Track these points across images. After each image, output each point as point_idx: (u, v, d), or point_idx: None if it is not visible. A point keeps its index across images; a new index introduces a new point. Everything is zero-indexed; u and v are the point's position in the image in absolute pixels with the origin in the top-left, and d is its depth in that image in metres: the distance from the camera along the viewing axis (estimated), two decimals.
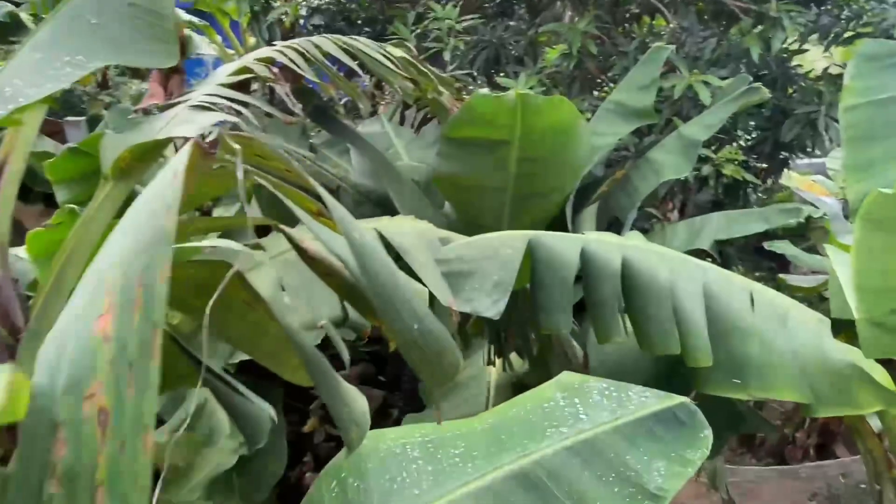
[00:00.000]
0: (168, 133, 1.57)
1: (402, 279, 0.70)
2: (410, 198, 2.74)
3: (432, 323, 0.73)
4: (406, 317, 0.68)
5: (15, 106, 0.93)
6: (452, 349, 0.79)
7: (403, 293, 0.68)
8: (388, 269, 0.65)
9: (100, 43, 0.97)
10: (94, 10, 1.04)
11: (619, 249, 1.69)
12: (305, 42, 2.10)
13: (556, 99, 2.46)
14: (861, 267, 1.35)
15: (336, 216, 0.64)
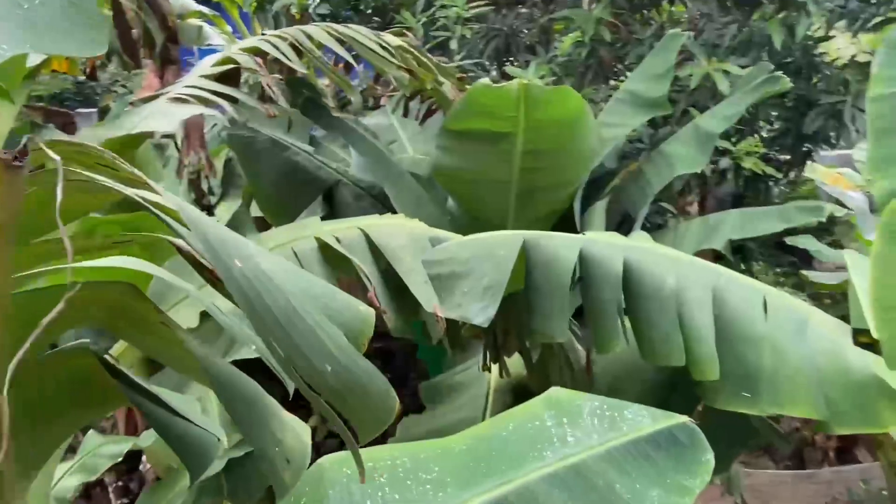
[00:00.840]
0: (143, 128, 1.50)
1: (307, 303, 0.60)
2: (408, 194, 2.64)
3: (352, 361, 0.62)
4: (312, 355, 0.57)
5: None
6: (383, 393, 0.68)
7: (304, 323, 0.58)
8: (274, 287, 0.54)
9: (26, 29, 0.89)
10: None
11: (622, 251, 1.58)
12: (296, 31, 2.01)
13: (561, 89, 2.34)
14: (880, 282, 1.22)
15: (187, 218, 0.53)
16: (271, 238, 1.50)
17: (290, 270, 0.68)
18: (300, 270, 0.72)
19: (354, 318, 0.72)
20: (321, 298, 0.69)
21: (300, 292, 0.61)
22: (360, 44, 2.10)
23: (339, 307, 0.71)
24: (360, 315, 0.72)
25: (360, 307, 0.74)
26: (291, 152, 2.87)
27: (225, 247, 0.52)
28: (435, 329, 1.44)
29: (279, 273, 0.58)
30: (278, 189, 2.82)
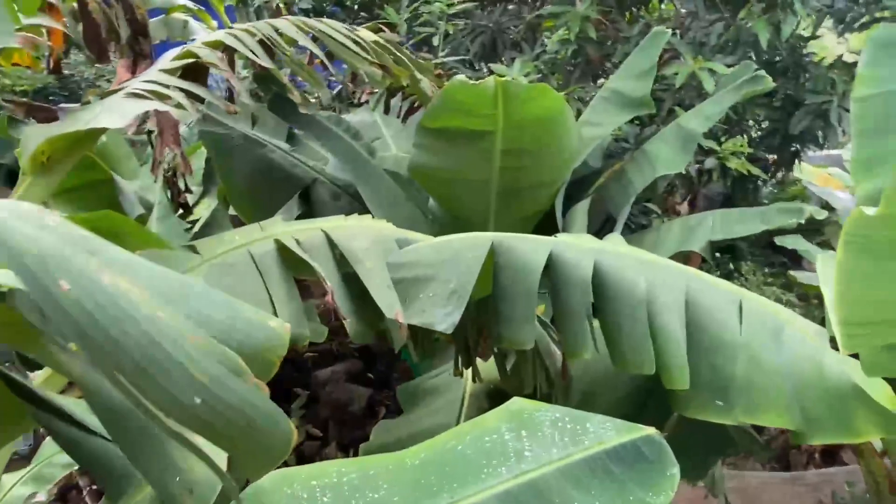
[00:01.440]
0: (94, 124, 1.44)
1: (185, 324, 0.52)
2: (384, 194, 2.58)
3: (229, 391, 0.56)
4: (176, 387, 0.51)
5: None
6: (273, 423, 0.61)
7: (163, 350, 0.51)
8: (123, 312, 0.47)
9: None
10: None
11: (593, 254, 1.52)
12: (265, 25, 1.95)
13: (540, 87, 2.28)
14: (844, 297, 1.17)
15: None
16: (225, 241, 1.44)
17: (172, 286, 0.61)
18: (191, 284, 0.65)
19: (263, 337, 0.66)
20: (216, 316, 0.63)
21: (176, 313, 0.54)
22: (331, 38, 2.04)
23: (244, 325, 0.64)
24: (269, 332, 0.66)
25: (272, 323, 0.68)
26: (267, 149, 2.80)
27: (45, 265, 0.46)
28: (397, 336, 1.38)
29: (140, 292, 0.51)
30: (253, 187, 2.76)
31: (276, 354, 0.65)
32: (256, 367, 0.58)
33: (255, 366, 0.58)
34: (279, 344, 0.66)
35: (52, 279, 0.45)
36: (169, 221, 3.39)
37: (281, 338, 0.67)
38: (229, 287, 1.34)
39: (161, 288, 0.59)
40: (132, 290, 0.50)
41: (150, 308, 0.50)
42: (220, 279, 1.35)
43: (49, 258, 0.45)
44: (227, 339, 0.58)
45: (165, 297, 0.56)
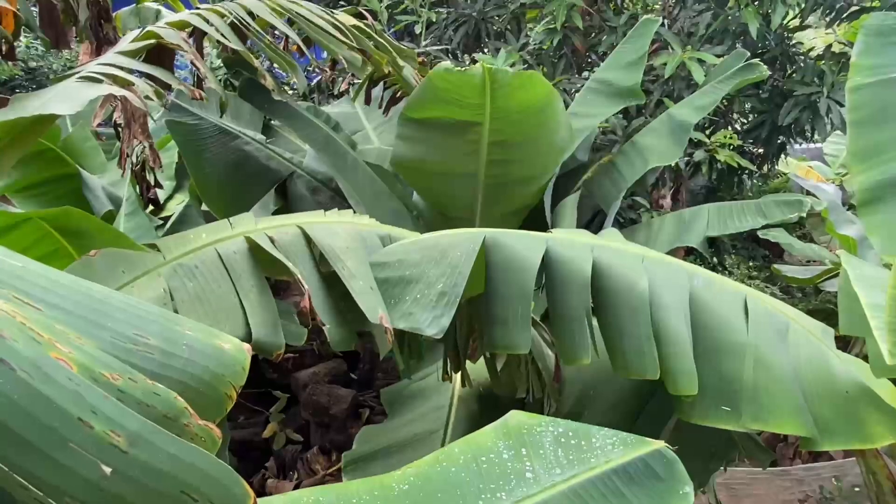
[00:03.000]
0: (44, 110, 1.29)
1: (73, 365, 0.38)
2: (365, 187, 2.45)
3: (154, 449, 0.41)
4: (65, 456, 0.37)
5: None
6: (218, 487, 0.47)
7: (49, 404, 0.36)
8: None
9: None
10: None
11: (590, 251, 1.42)
12: (235, 6, 1.80)
13: (529, 74, 2.17)
14: None
15: None
16: (190, 240, 1.30)
17: (89, 305, 0.49)
18: (116, 300, 0.52)
19: (214, 364, 0.54)
20: (148, 340, 0.51)
21: (90, 341, 0.42)
22: (307, 21, 1.90)
23: (186, 351, 0.52)
24: (222, 358, 0.54)
25: (225, 345, 0.56)
26: (241, 141, 2.65)
27: None
28: (383, 341, 1.27)
29: (27, 320, 0.39)
30: (226, 181, 2.61)
31: (231, 386, 0.53)
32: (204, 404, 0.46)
33: (203, 402, 0.46)
34: (235, 371, 0.54)
35: None
36: (137, 218, 3.21)
37: (238, 363, 0.55)
38: (193, 292, 1.21)
39: (74, 308, 0.47)
40: (18, 319, 0.38)
41: (36, 347, 0.37)
42: (184, 283, 1.22)
43: None
44: (162, 371, 0.46)
45: (81, 320, 0.44)
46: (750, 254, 6.22)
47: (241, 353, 0.57)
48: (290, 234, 1.39)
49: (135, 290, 1.18)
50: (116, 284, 1.23)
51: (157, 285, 1.20)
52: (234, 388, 0.54)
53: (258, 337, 1.18)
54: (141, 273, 1.24)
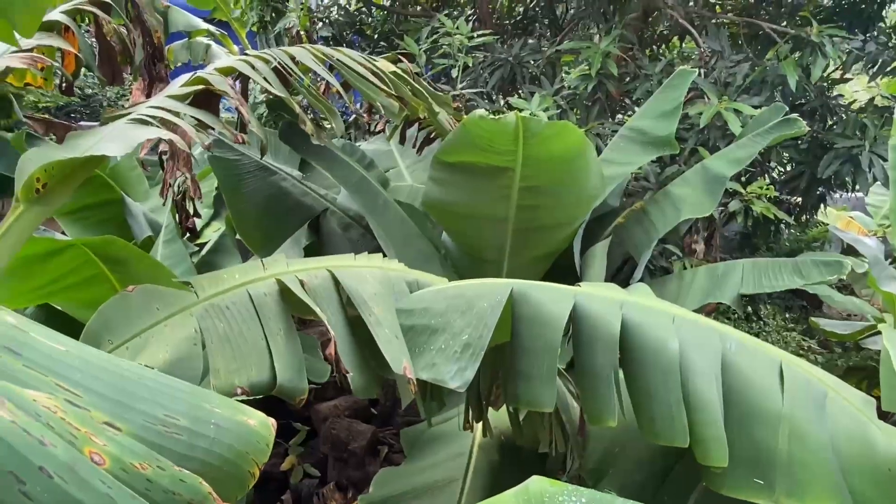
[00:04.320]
0: (94, 152, 1.35)
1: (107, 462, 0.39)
2: (395, 228, 2.48)
3: None
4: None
5: None
6: None
7: None
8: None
9: None
10: None
11: (620, 308, 1.40)
12: (280, 53, 1.88)
13: (562, 124, 2.19)
14: None
15: None
16: (223, 280, 1.33)
17: (121, 385, 0.50)
18: (146, 378, 0.53)
19: (239, 442, 0.54)
20: (178, 420, 0.52)
21: (122, 425, 0.43)
22: (348, 68, 1.97)
23: (213, 430, 0.52)
24: (248, 435, 0.54)
25: (251, 421, 0.57)
26: (278, 177, 2.73)
27: None
28: (406, 390, 1.26)
29: (63, 413, 0.40)
30: (262, 215, 2.67)
31: (255, 463, 0.54)
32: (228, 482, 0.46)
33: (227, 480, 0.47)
34: (259, 449, 0.54)
35: None
36: (174, 245, 3.31)
37: (263, 440, 0.55)
38: (223, 333, 1.23)
39: (108, 391, 0.48)
40: (58, 415, 0.39)
41: (72, 450, 0.39)
42: (214, 323, 1.24)
43: None
44: (189, 452, 0.47)
45: (115, 403, 0.46)
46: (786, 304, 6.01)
47: (266, 428, 0.57)
48: (320, 277, 1.41)
49: (167, 329, 1.21)
50: (151, 321, 1.26)
51: (188, 325, 1.22)
52: (257, 465, 0.54)
53: (282, 381, 1.19)
54: (174, 311, 1.27)
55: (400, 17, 5.16)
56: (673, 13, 4.10)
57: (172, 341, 1.15)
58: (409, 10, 5.19)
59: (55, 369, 0.45)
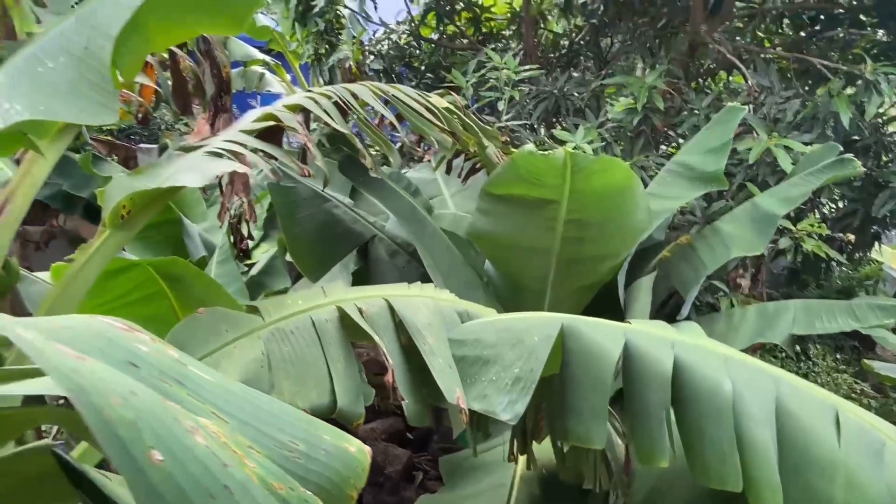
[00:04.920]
0: (173, 182, 1.46)
1: (260, 478, 0.45)
2: (442, 257, 2.54)
3: None
4: None
5: None
6: None
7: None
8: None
9: (44, 92, 0.86)
10: (54, 52, 0.95)
11: (671, 347, 1.41)
12: (341, 90, 1.99)
13: (609, 160, 2.22)
14: None
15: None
16: (287, 305, 1.41)
17: (254, 412, 0.56)
18: (271, 405, 0.59)
19: (343, 466, 0.59)
20: (298, 446, 0.57)
21: (261, 449, 0.49)
22: (403, 104, 2.06)
23: (324, 455, 0.58)
24: (350, 461, 0.59)
25: (351, 448, 0.62)
26: (331, 204, 2.84)
27: (138, 432, 0.41)
28: (457, 420, 1.30)
29: (228, 440, 0.46)
30: (313, 239, 2.78)
31: (355, 487, 0.59)
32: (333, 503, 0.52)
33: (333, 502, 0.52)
34: (357, 473, 0.60)
35: (144, 448, 0.40)
36: (228, 266, 3.47)
37: (361, 466, 0.61)
38: (288, 356, 1.30)
39: (247, 418, 0.54)
40: (222, 439, 0.45)
41: (240, 467, 0.45)
42: (280, 346, 1.31)
43: (143, 423, 0.41)
44: (306, 475, 0.52)
45: (252, 429, 0.52)
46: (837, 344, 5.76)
47: (362, 455, 0.62)
48: (377, 305, 1.47)
49: (236, 350, 1.29)
50: (221, 342, 1.34)
51: (256, 347, 1.30)
52: (355, 489, 0.59)
53: (342, 406, 1.25)
54: (242, 333, 1.34)
55: (447, 51, 5.32)
56: (720, 48, 4.10)
57: (242, 363, 1.23)
58: (455, 43, 5.34)
59: (209, 398, 0.51)
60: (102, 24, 0.93)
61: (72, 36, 0.97)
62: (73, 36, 0.96)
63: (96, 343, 0.47)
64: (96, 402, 0.42)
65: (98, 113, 0.81)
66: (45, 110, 0.83)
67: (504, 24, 5.52)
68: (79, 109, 0.82)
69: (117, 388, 0.43)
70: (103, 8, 0.95)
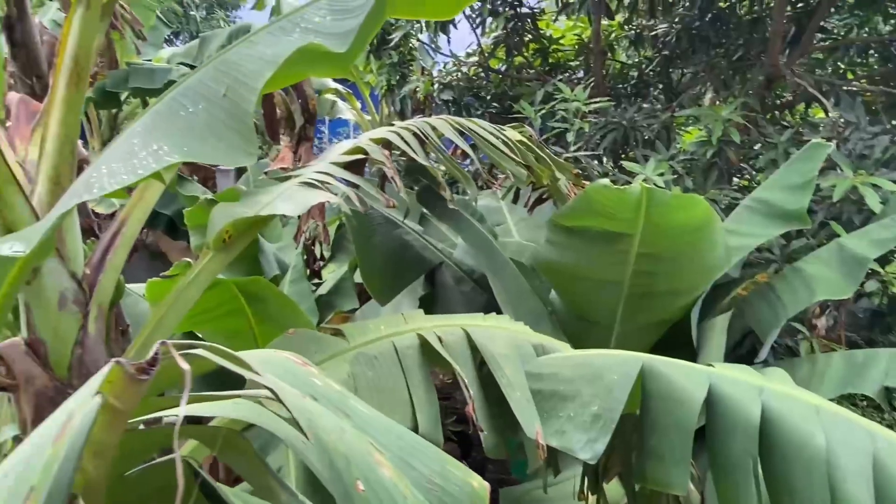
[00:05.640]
0: (271, 210, 1.57)
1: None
2: (511, 286, 2.55)
3: None
4: None
5: (90, 195, 0.92)
6: None
7: None
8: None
9: (186, 135, 0.96)
10: (194, 98, 1.06)
11: (759, 393, 1.36)
12: (422, 123, 2.08)
13: (688, 197, 2.19)
14: None
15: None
16: (370, 330, 1.47)
17: (400, 444, 0.60)
18: (410, 438, 0.64)
19: (468, 500, 0.62)
20: (436, 479, 0.60)
21: (413, 482, 0.53)
22: (481, 138, 2.12)
23: (455, 489, 0.61)
24: (473, 495, 0.62)
25: (474, 483, 0.64)
26: (402, 230, 2.93)
27: (348, 465, 0.46)
28: (535, 455, 1.30)
29: (398, 477, 0.50)
30: (384, 264, 2.86)
31: None
32: None
33: None
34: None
35: (352, 478, 0.46)
36: (300, 285, 3.61)
37: (481, 499, 0.64)
38: (373, 381, 1.35)
39: (395, 448, 0.59)
40: (394, 475, 0.50)
41: (410, 499, 0.49)
42: (364, 371, 1.37)
43: (351, 456, 0.46)
44: (438, 493, 0.56)
45: (401, 461, 0.56)
46: None
47: (483, 490, 0.66)
48: (456, 334, 1.51)
49: (326, 370, 1.35)
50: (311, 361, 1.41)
51: (343, 370, 1.36)
52: None
53: (423, 432, 1.28)
54: (329, 355, 1.41)
55: (513, 81, 5.40)
56: (801, 82, 3.97)
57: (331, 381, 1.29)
58: (522, 74, 5.42)
59: (369, 431, 0.56)
60: (246, 77, 1.03)
61: (211, 84, 1.08)
62: (211, 84, 1.08)
63: (287, 378, 0.52)
64: (322, 437, 0.47)
65: (238, 155, 0.90)
66: (188, 152, 0.92)
67: (572, 55, 5.56)
68: (220, 152, 0.90)
69: (331, 425, 0.48)
70: (246, 63, 1.06)
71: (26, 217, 1.24)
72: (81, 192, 0.90)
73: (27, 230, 0.93)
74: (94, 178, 0.92)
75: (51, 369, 1.28)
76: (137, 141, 0.96)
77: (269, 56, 1.07)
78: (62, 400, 1.31)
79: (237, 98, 1.00)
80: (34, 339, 1.29)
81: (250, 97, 0.98)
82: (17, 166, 1.27)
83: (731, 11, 4.59)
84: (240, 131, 0.92)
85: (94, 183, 0.91)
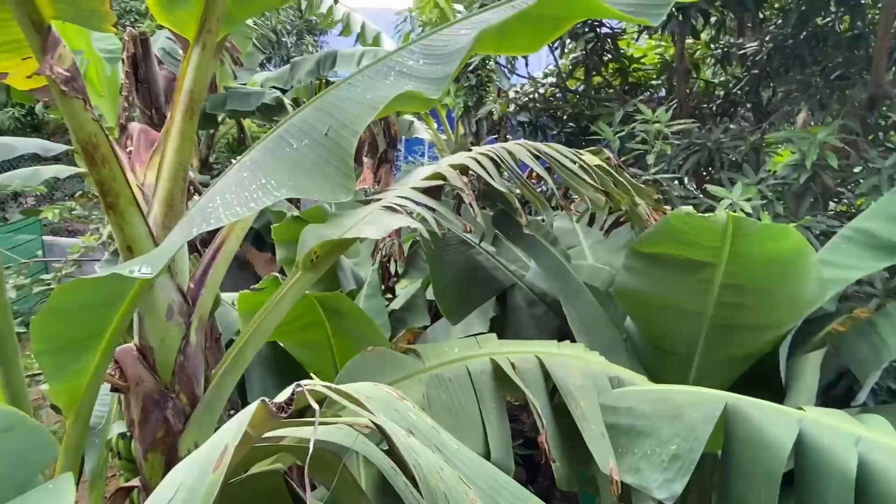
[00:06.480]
0: (356, 233, 1.65)
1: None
2: (585, 313, 2.51)
3: None
4: None
5: (209, 226, 1.01)
6: None
7: None
8: None
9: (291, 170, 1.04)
10: (299, 134, 1.15)
11: (855, 444, 1.27)
12: (500, 149, 2.11)
13: (780, 227, 2.08)
14: None
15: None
16: (444, 352, 1.50)
17: (486, 480, 0.63)
18: (494, 473, 0.67)
19: None
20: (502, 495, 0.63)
21: None
22: (558, 164, 2.12)
23: None
24: None
25: None
26: (475, 251, 2.96)
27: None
28: (607, 489, 1.28)
29: None
30: (456, 283, 2.91)
31: None
32: None
33: None
34: None
35: None
36: (375, 300, 3.73)
37: None
38: (446, 403, 1.38)
39: (479, 482, 0.62)
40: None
41: None
42: (439, 392, 1.40)
43: (450, 494, 0.51)
44: None
45: (485, 494, 0.59)
46: None
47: None
48: (529, 362, 1.51)
49: (402, 390, 1.40)
50: (386, 380, 1.47)
51: (417, 390, 1.40)
52: None
53: (495, 458, 1.29)
54: (404, 375, 1.46)
55: (590, 101, 5.34)
56: None
57: None
58: (601, 93, 5.35)
59: (458, 465, 0.60)
60: (348, 120, 1.12)
61: (314, 123, 1.18)
62: (314, 123, 1.18)
63: (391, 413, 0.57)
64: (426, 475, 0.51)
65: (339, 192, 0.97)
66: (293, 186, 1.01)
67: (653, 74, 5.42)
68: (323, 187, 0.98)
69: (432, 463, 0.52)
70: (348, 106, 1.15)
71: (143, 235, 1.39)
72: (200, 223, 1.00)
73: (152, 253, 1.04)
74: (210, 209, 1.02)
75: (157, 374, 1.41)
76: (248, 175, 1.06)
77: (367, 101, 1.15)
78: (165, 403, 1.43)
79: (338, 139, 1.08)
80: (144, 345, 1.43)
81: (352, 140, 1.05)
82: (137, 189, 1.43)
83: (829, 28, 4.33)
84: (341, 169, 1.00)
85: (210, 214, 1.01)
